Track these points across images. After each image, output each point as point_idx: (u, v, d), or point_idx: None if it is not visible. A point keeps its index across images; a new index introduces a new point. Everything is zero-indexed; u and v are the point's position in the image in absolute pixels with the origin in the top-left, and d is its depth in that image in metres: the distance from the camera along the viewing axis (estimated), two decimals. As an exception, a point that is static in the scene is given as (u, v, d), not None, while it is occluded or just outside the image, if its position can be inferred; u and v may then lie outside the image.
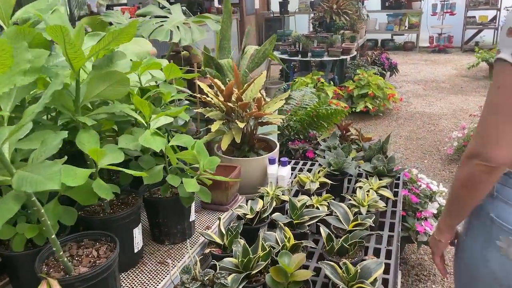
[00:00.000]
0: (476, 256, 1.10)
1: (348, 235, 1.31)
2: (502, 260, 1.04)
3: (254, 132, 1.86)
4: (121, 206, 1.28)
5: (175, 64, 1.50)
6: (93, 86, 1.11)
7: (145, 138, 1.17)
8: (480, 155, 0.94)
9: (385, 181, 1.69)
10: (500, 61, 0.91)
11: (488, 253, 1.06)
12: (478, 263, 1.10)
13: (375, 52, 7.02)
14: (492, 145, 0.92)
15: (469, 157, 0.97)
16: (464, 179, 1.00)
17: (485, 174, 0.96)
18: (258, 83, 1.83)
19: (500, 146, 0.92)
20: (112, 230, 1.19)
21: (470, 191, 1.01)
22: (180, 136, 1.30)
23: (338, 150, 1.87)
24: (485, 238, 1.06)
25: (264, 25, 11.02)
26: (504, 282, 1.06)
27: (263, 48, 2.57)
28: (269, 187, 1.67)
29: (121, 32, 1.10)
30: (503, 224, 1.01)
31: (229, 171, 1.65)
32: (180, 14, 2.36)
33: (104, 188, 1.08)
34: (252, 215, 1.44)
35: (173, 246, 1.39)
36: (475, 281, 1.12)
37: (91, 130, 1.11)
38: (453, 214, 1.11)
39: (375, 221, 1.55)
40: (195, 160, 1.28)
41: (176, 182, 1.23)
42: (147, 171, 1.24)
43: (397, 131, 4.96)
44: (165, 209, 1.35)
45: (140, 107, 1.23)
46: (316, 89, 5.08)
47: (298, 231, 1.43)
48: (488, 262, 1.06)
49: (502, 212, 1.01)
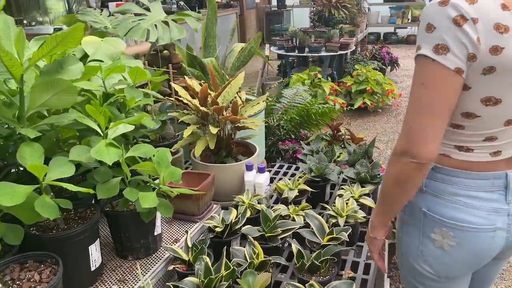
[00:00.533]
0: (414, 251, 1.12)
1: (321, 250, 1.22)
2: (438, 253, 1.08)
3: (232, 137, 1.77)
4: (78, 220, 1.20)
5: (140, 67, 1.41)
6: (37, 95, 1.03)
7: (98, 150, 1.09)
8: (409, 153, 0.94)
9: (368, 189, 1.59)
10: (421, 57, 0.91)
11: (424, 247, 1.09)
12: (416, 258, 1.12)
13: (375, 46, 6.87)
14: (421, 142, 0.92)
15: (398, 155, 0.96)
16: (395, 177, 1.00)
17: (415, 170, 0.96)
18: (235, 85, 1.74)
19: (427, 143, 0.92)
20: (65, 248, 1.12)
21: (402, 188, 1.01)
22: (140, 146, 1.21)
23: (321, 155, 1.78)
24: (419, 233, 1.09)
25: (265, 19, 10.89)
26: (441, 274, 1.10)
27: (248, 46, 2.47)
28: (245, 195, 1.59)
29: (65, 36, 1.01)
30: (435, 216, 1.04)
31: (203, 178, 1.56)
32: (160, 12, 2.27)
33: (48, 206, 1.00)
34: (221, 228, 1.36)
35: (137, 261, 1.31)
36: (416, 274, 1.14)
37: (35, 143, 1.03)
38: (386, 211, 1.10)
39: (355, 232, 1.46)
40: (155, 172, 1.19)
41: (133, 196, 1.15)
42: (102, 184, 1.16)
43: (396, 128, 4.84)
44: (126, 224, 1.27)
45: (94, 115, 1.14)
46: (313, 85, 4.97)
47: (270, 244, 1.34)
48: (425, 257, 1.10)
49: (433, 205, 1.04)
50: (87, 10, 2.24)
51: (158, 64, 2.29)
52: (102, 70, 1.36)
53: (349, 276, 1.31)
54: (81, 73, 1.12)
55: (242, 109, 1.72)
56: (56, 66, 1.11)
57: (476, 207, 1.02)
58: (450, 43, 0.88)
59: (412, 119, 0.94)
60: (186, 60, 2.46)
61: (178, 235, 1.44)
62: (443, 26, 0.88)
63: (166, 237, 1.43)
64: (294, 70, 6.01)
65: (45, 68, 1.09)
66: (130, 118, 1.27)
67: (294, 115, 3.05)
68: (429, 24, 0.90)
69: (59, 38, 1.00)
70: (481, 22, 0.87)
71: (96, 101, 1.32)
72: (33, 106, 1.04)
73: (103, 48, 1.71)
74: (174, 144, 1.77)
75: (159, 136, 1.93)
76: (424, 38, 0.91)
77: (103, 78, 1.40)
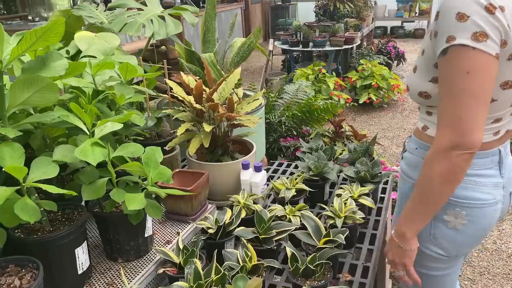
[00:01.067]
0: (424, 237, 1.16)
1: (316, 254, 1.17)
2: (451, 233, 1.14)
3: (228, 134, 1.72)
4: (65, 222, 1.16)
5: (130, 63, 1.37)
6: (17, 93, 0.99)
7: (82, 150, 1.05)
8: (462, 144, 0.94)
9: (367, 188, 1.54)
10: (457, 47, 0.92)
11: (437, 230, 1.15)
12: (426, 244, 1.17)
13: (381, 40, 6.77)
14: (474, 131, 0.93)
15: (448, 150, 0.96)
16: (444, 175, 0.99)
17: (467, 161, 0.97)
18: (231, 80, 1.68)
19: (479, 131, 0.94)
20: (49, 251, 1.08)
21: (451, 185, 1.01)
22: (127, 145, 1.17)
23: (320, 153, 1.72)
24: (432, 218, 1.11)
25: (270, 13, 10.80)
26: (452, 253, 1.17)
27: (248, 41, 2.42)
28: (241, 195, 1.54)
29: (46, 31, 0.97)
30: (449, 198, 1.07)
31: (197, 178, 1.51)
32: (157, 6, 2.22)
33: (29, 209, 0.96)
34: (214, 230, 1.31)
35: (127, 264, 1.27)
36: (422, 260, 1.19)
37: (14, 143, 0.99)
38: (426, 216, 1.09)
39: (353, 234, 1.41)
40: (143, 172, 1.15)
41: (120, 198, 1.10)
42: (88, 185, 1.12)
43: (401, 123, 4.77)
44: (114, 225, 1.23)
45: (79, 113, 1.10)
46: (317, 80, 4.90)
47: (264, 247, 1.30)
48: (438, 239, 1.15)
49: None
50: (83, 5, 2.19)
51: (155, 60, 2.24)
52: (91, 66, 1.31)
53: (347, 279, 1.27)
54: (64, 70, 1.08)
55: (239, 106, 1.67)
56: (39, 63, 1.06)
57: (484, 184, 1.09)
58: (487, 30, 0.90)
59: (461, 109, 0.93)
60: (184, 56, 2.41)
61: (170, 237, 1.40)
62: (477, 14, 0.90)
63: (158, 238, 1.39)
64: (298, 65, 5.94)
65: (27, 64, 1.05)
66: (118, 116, 1.22)
67: (296, 111, 3.00)
68: (460, 14, 0.91)
69: (39, 33, 0.96)
70: (507, 10, 0.91)
71: (84, 98, 1.28)
72: (13, 104, 1.00)
73: (96, 43, 1.67)
74: (169, 142, 1.72)
75: (155, 133, 1.89)
76: (458, 28, 0.91)
77: (92, 74, 1.36)
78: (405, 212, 1.11)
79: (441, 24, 0.96)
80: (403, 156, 1.29)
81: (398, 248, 1.13)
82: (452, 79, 0.94)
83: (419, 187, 1.05)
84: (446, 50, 0.94)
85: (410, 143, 1.25)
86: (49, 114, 1.08)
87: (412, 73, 1.17)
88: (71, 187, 1.26)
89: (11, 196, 0.96)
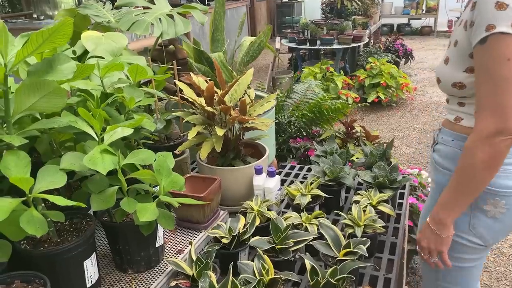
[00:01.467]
0: (462, 227, 1.18)
1: (337, 266, 1.11)
2: (489, 222, 1.16)
3: (240, 138, 1.66)
4: (72, 232, 1.11)
5: (140, 65, 1.31)
6: (23, 98, 0.93)
7: (91, 158, 0.99)
8: (505, 130, 0.97)
9: (386, 195, 1.47)
10: (497, 35, 0.94)
11: (476, 220, 1.16)
12: (463, 234, 1.19)
13: (389, 38, 6.68)
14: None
15: (491, 137, 0.98)
16: (487, 161, 1.01)
17: (508, 148, 1.00)
18: (243, 82, 1.62)
19: None
20: (57, 264, 1.02)
21: (493, 171, 1.04)
22: (138, 151, 1.11)
23: (335, 157, 1.66)
24: (469, 208, 1.15)
25: (276, 11, 10.71)
26: (489, 242, 1.20)
27: (258, 40, 2.35)
28: (254, 201, 1.48)
29: (53, 32, 0.91)
30: (489, 188, 1.10)
31: (209, 183, 1.45)
32: (166, 5, 2.16)
33: (35, 222, 0.90)
34: (228, 239, 1.25)
35: (138, 275, 1.22)
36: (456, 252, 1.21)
37: (20, 151, 0.93)
38: (465, 203, 1.11)
39: (373, 243, 1.35)
40: (155, 180, 1.09)
41: (131, 207, 1.05)
42: (97, 195, 1.06)
43: (411, 123, 4.69)
44: (124, 235, 1.17)
45: (87, 118, 1.04)
46: (325, 79, 4.83)
47: (281, 257, 1.23)
48: (476, 229, 1.17)
49: None
50: (89, 4, 2.14)
51: (163, 60, 2.18)
52: (99, 68, 1.26)
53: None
54: (72, 73, 1.02)
55: (251, 108, 1.61)
56: (45, 66, 1.00)
57: None
58: None
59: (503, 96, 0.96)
60: (193, 55, 2.35)
61: (182, 246, 1.34)
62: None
63: (169, 247, 1.34)
64: (305, 63, 5.87)
65: (33, 67, 0.99)
66: (129, 121, 1.17)
67: (305, 111, 2.93)
68: (499, 3, 0.93)
69: (46, 34, 0.90)
70: None
71: (92, 102, 1.22)
72: (19, 110, 0.94)
73: (104, 43, 1.61)
74: (179, 145, 1.66)
75: (164, 136, 1.83)
76: (497, 16, 0.94)
77: (100, 76, 1.30)
78: (444, 199, 1.14)
79: (479, 13, 0.98)
80: (435, 149, 1.31)
81: (435, 235, 1.17)
82: (493, 67, 0.96)
83: (459, 175, 1.08)
84: (485, 39, 0.96)
85: (443, 136, 1.26)
86: (56, 119, 1.02)
87: (443, 65, 1.19)
88: (78, 195, 1.20)
89: (17, 208, 0.91)
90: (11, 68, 0.90)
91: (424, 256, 1.26)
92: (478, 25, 0.98)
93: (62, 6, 8.59)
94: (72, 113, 1.12)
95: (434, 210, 1.18)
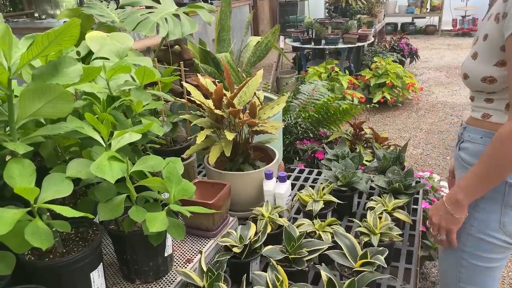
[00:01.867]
0: (492, 225, 1.16)
1: (354, 278, 1.06)
2: None
3: (249, 141, 1.61)
4: (78, 242, 1.06)
5: (148, 67, 1.26)
6: (27, 103, 0.88)
7: (98, 165, 0.94)
8: None
9: (402, 201, 1.42)
10: None
11: (507, 218, 1.15)
12: (493, 232, 1.17)
13: (394, 37, 6.62)
14: None
15: None
16: None
17: None
18: (253, 84, 1.57)
19: None
20: (62, 277, 0.98)
21: None
22: (147, 158, 1.06)
23: (347, 161, 1.61)
24: (500, 205, 1.14)
25: (279, 10, 10.65)
26: None
27: (265, 40, 2.30)
28: (265, 207, 1.43)
29: (59, 34, 0.86)
30: None
31: (218, 189, 1.41)
32: (171, 4, 2.11)
33: (40, 233, 0.86)
34: (240, 249, 1.21)
35: (146, 286, 1.17)
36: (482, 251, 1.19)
37: (25, 159, 0.88)
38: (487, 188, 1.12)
39: (389, 252, 1.30)
40: (164, 188, 1.04)
41: (140, 217, 1.00)
42: (104, 203, 1.01)
43: (417, 123, 4.63)
44: (132, 245, 1.12)
45: (94, 124, 0.99)
46: (330, 79, 4.78)
47: (295, 268, 1.19)
48: (507, 227, 1.15)
49: None
50: (93, 3, 2.09)
51: (169, 61, 2.13)
52: (105, 70, 1.21)
53: (385, 304, 1.16)
54: (79, 77, 0.97)
55: (261, 111, 1.56)
56: (51, 69, 0.96)
57: None
58: None
59: None
60: (198, 56, 2.30)
61: (191, 254, 1.30)
62: None
63: (177, 256, 1.29)
64: (309, 63, 5.82)
65: (38, 71, 0.94)
66: (137, 126, 1.12)
67: (312, 113, 2.88)
68: None
69: (51, 36, 0.85)
70: None
71: (99, 106, 1.17)
72: (23, 115, 0.90)
73: (109, 44, 1.57)
74: (186, 148, 1.62)
75: (170, 139, 1.78)
76: None
77: (107, 79, 1.25)
78: (466, 183, 1.14)
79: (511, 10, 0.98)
80: (460, 147, 1.28)
81: (448, 214, 1.17)
82: None
83: (487, 162, 1.08)
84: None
85: (470, 134, 1.24)
86: (62, 125, 0.97)
87: (471, 60, 1.19)
88: (85, 203, 1.16)
89: (21, 218, 0.86)
90: (15, 72, 0.86)
91: (433, 232, 1.25)
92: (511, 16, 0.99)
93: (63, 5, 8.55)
94: (77, 116, 1.08)
95: (453, 191, 1.18)
